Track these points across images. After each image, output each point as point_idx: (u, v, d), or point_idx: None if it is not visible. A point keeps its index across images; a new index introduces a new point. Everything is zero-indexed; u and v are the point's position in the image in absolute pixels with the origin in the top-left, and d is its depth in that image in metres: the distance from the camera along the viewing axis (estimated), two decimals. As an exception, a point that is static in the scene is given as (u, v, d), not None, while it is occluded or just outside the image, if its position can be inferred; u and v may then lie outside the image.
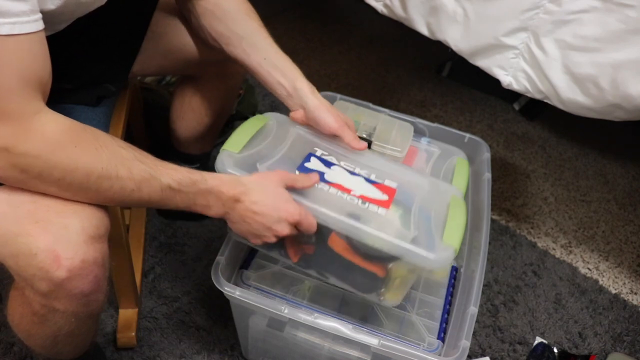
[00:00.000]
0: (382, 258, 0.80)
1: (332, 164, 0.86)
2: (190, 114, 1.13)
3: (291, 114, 0.90)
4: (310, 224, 0.78)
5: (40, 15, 0.61)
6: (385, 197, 0.83)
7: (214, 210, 0.75)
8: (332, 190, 0.82)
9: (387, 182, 0.86)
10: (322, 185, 0.82)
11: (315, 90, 0.88)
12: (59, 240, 0.64)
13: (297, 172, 0.83)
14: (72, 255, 0.64)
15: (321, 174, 0.83)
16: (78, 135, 0.64)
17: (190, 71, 1.06)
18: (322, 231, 0.80)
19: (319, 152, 0.88)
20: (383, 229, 0.78)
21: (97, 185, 0.65)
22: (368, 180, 0.85)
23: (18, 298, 0.74)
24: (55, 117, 0.63)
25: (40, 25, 0.61)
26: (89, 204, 0.67)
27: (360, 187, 0.83)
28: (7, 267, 0.67)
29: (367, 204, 0.81)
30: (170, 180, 0.69)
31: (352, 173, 0.86)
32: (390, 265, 0.81)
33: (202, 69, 1.04)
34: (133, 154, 0.68)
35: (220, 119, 1.17)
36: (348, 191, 0.82)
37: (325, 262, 0.85)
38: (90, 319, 0.79)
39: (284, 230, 0.76)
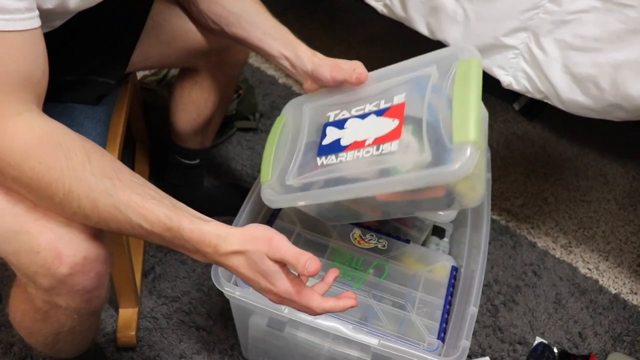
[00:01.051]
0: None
1: (345, 120, 0.83)
2: (190, 106, 1.13)
3: (304, 87, 0.89)
4: (307, 301, 0.64)
5: (36, 13, 0.60)
6: (395, 123, 0.76)
7: (200, 260, 0.66)
8: (349, 156, 0.78)
9: (395, 99, 0.79)
10: (340, 157, 0.79)
11: (317, 53, 0.87)
12: (61, 238, 0.64)
13: (317, 159, 0.81)
14: (74, 253, 0.64)
15: (337, 143, 0.81)
16: (46, 150, 0.60)
17: (191, 61, 1.06)
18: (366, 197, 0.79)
19: (332, 117, 0.85)
20: (404, 165, 0.72)
21: (61, 207, 0.62)
22: (379, 112, 0.80)
23: (20, 295, 0.74)
24: (32, 125, 0.60)
25: (35, 23, 0.60)
26: None
27: (372, 128, 0.79)
28: (9, 263, 0.67)
29: (380, 148, 0.75)
30: (141, 221, 0.62)
31: (364, 116, 0.82)
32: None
33: (202, 58, 1.05)
34: (104, 186, 0.61)
35: (220, 111, 1.18)
36: (363, 144, 0.78)
37: (391, 211, 0.87)
38: (92, 315, 0.79)
39: (276, 299, 0.66)
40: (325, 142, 0.84)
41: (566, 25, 0.97)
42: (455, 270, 1.04)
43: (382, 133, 0.78)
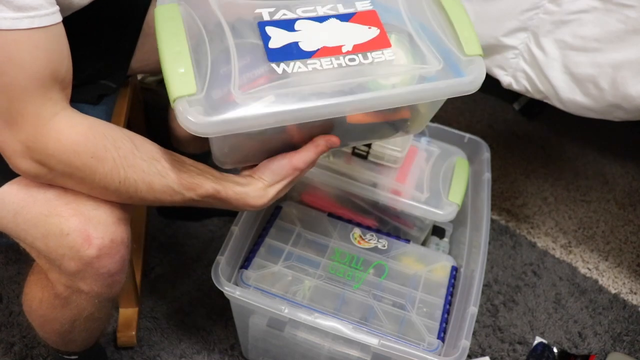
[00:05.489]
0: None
1: (293, 21, 0.68)
2: None
3: None
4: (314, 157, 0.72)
5: (57, 7, 0.59)
6: (376, 31, 0.68)
7: (234, 209, 0.76)
8: (324, 63, 0.65)
9: (359, 6, 0.71)
10: (310, 64, 0.65)
11: None
12: (90, 220, 0.65)
13: (272, 66, 0.64)
14: (102, 235, 0.66)
15: (295, 47, 0.66)
16: (95, 144, 0.62)
17: None
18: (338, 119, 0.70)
19: (266, 15, 0.68)
20: (396, 76, 0.68)
21: (117, 194, 0.66)
22: (342, 17, 0.69)
23: (39, 282, 0.74)
24: (73, 122, 0.62)
25: (59, 18, 0.59)
26: None
27: (344, 35, 0.68)
28: (34, 249, 0.68)
29: (369, 56, 0.67)
30: (193, 195, 0.69)
31: (321, 19, 0.69)
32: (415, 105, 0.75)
33: None
34: (155, 169, 0.66)
35: None
36: (339, 51, 0.66)
37: (347, 136, 0.76)
38: (109, 302, 0.80)
39: (302, 174, 0.74)
40: (274, 45, 0.67)
41: (566, 25, 0.97)
42: (455, 270, 1.04)
43: (361, 40, 0.68)
